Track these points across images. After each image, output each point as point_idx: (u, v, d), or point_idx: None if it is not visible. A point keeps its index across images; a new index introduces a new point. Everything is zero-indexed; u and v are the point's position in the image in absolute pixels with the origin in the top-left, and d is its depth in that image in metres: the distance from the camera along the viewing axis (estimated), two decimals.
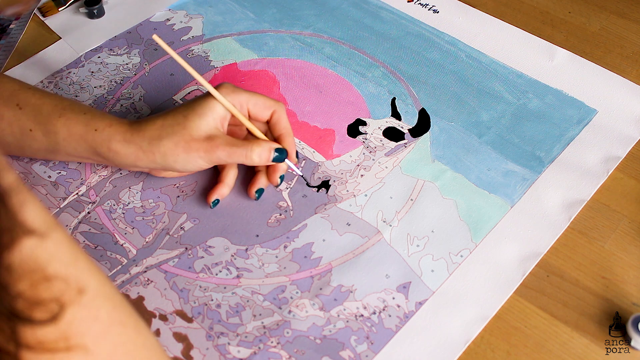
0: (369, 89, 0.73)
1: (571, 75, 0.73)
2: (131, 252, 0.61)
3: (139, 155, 0.59)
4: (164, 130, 0.58)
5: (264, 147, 0.59)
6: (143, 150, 0.59)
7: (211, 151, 0.58)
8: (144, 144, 0.59)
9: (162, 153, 0.58)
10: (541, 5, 0.81)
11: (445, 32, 0.78)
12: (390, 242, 0.60)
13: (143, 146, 0.59)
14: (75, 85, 0.74)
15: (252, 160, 0.59)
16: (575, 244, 0.60)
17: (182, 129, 0.58)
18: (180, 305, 0.57)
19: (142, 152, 0.59)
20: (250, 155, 0.59)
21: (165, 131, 0.58)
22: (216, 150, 0.58)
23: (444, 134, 0.68)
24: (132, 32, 0.80)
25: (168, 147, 0.58)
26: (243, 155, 0.59)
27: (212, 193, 0.63)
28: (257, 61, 0.76)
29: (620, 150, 0.66)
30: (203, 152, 0.58)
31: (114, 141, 0.59)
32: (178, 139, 0.58)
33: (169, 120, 0.59)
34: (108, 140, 0.59)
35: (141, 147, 0.59)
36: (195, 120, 0.58)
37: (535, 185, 0.64)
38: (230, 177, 0.63)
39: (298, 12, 0.81)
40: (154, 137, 0.58)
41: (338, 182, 0.65)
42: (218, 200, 0.63)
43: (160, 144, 0.58)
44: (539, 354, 0.54)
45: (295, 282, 0.58)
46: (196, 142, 0.58)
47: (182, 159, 0.59)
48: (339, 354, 0.54)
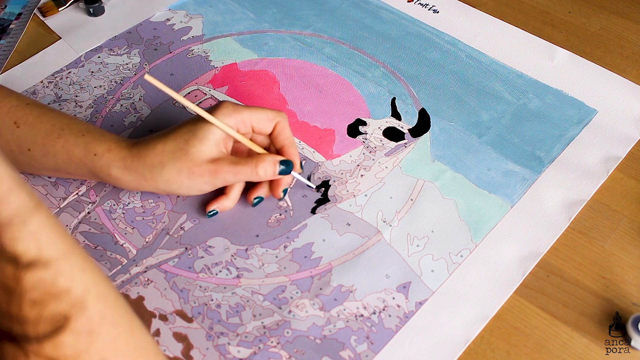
0: (369, 89, 0.73)
1: (571, 75, 0.73)
2: (131, 252, 0.61)
3: (140, 183, 0.58)
4: (165, 156, 0.57)
5: (269, 161, 0.58)
6: (145, 178, 0.58)
7: (216, 175, 0.57)
8: (146, 172, 0.58)
9: (165, 180, 0.57)
10: (541, 5, 0.81)
11: (445, 32, 0.78)
12: (390, 242, 0.60)
13: (145, 174, 0.58)
14: (75, 85, 0.74)
15: (258, 176, 0.58)
16: (575, 244, 0.60)
17: (184, 154, 0.57)
18: (180, 305, 0.57)
19: (144, 180, 0.58)
20: (256, 171, 0.58)
21: (166, 157, 0.57)
22: (221, 172, 0.57)
23: (444, 134, 0.68)
24: (132, 32, 0.80)
25: (171, 175, 0.57)
26: (248, 172, 0.58)
27: (212, 203, 0.62)
28: (257, 61, 0.76)
29: (620, 150, 0.66)
30: (208, 177, 0.57)
31: (113, 167, 0.58)
32: (181, 165, 0.57)
33: (169, 145, 0.57)
34: (107, 166, 0.58)
35: (143, 174, 0.58)
36: (196, 145, 0.57)
37: (535, 185, 0.64)
38: (235, 192, 0.62)
39: (298, 12, 0.81)
40: (155, 164, 0.57)
41: (338, 182, 0.65)
42: (216, 212, 0.62)
43: (162, 171, 0.57)
44: (539, 354, 0.54)
45: (295, 282, 0.58)
46: (199, 167, 0.57)
47: (186, 185, 0.58)
48: (339, 354, 0.54)
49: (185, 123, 0.59)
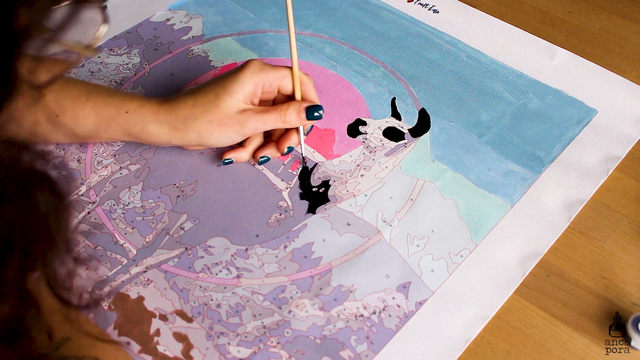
0: (369, 89, 0.73)
1: (571, 75, 0.73)
2: (131, 252, 0.61)
3: (173, 134, 0.61)
4: (197, 109, 0.60)
5: (294, 106, 0.62)
6: (177, 129, 0.60)
7: (245, 124, 0.60)
8: (178, 124, 0.60)
9: (197, 131, 0.60)
10: (541, 5, 0.81)
11: (445, 32, 0.78)
12: (390, 242, 0.60)
13: (177, 125, 0.60)
14: None
15: (285, 121, 0.61)
16: (575, 244, 0.60)
17: (214, 107, 0.60)
18: (180, 305, 0.57)
19: (177, 131, 0.61)
20: (283, 117, 0.61)
21: (197, 110, 0.60)
22: (249, 122, 0.60)
23: (444, 134, 0.68)
24: (132, 32, 0.80)
25: (202, 126, 0.60)
26: (275, 118, 0.61)
27: (229, 152, 0.64)
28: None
29: (620, 150, 0.66)
30: (237, 126, 0.60)
31: (147, 122, 0.61)
32: (211, 117, 0.60)
33: (200, 99, 0.60)
34: (141, 121, 0.61)
35: (175, 126, 0.60)
36: (225, 99, 0.60)
37: (535, 185, 0.64)
38: (253, 144, 0.65)
39: (298, 12, 0.81)
40: (187, 116, 0.60)
41: (338, 182, 0.65)
42: (231, 160, 0.65)
43: (194, 123, 0.60)
44: (539, 354, 0.54)
45: (295, 282, 0.58)
46: (229, 118, 0.60)
47: (216, 135, 0.61)
48: (339, 354, 0.54)
49: (215, 79, 0.63)
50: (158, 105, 0.61)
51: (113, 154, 0.67)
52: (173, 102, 0.61)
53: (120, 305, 0.57)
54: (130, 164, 0.67)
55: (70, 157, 0.67)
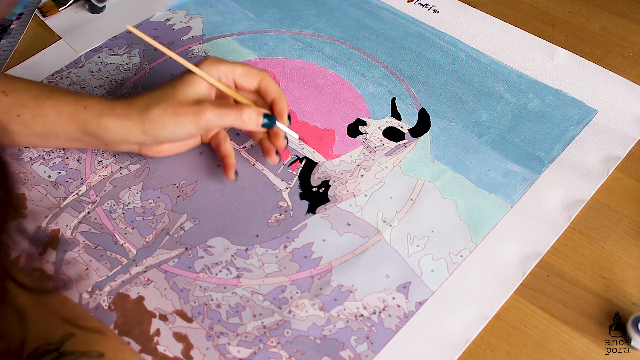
0: (369, 89, 0.73)
1: (571, 75, 0.73)
2: (131, 252, 0.61)
3: (128, 127, 0.60)
4: (152, 99, 0.60)
5: (253, 109, 0.60)
6: (132, 120, 0.60)
7: (200, 114, 0.59)
8: (134, 115, 0.60)
9: (151, 120, 0.59)
10: (541, 5, 0.81)
11: (445, 32, 0.78)
12: (390, 242, 0.60)
13: (132, 117, 0.60)
14: (75, 85, 0.74)
15: (242, 121, 0.60)
16: (575, 244, 0.60)
17: (170, 96, 0.60)
18: (180, 305, 0.57)
19: (132, 123, 0.60)
20: (241, 115, 0.60)
21: (153, 100, 0.60)
22: (205, 112, 0.59)
23: (444, 134, 0.68)
24: (132, 32, 0.80)
25: (156, 114, 0.59)
26: (233, 116, 0.60)
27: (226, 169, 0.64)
28: (257, 61, 0.76)
29: (620, 150, 0.66)
30: (191, 116, 0.59)
31: (103, 116, 0.60)
32: (166, 105, 0.59)
33: (157, 91, 0.61)
34: (98, 115, 0.60)
35: (131, 118, 0.60)
36: (182, 88, 0.60)
37: (535, 185, 0.64)
38: (228, 148, 0.64)
39: (298, 12, 0.81)
40: (143, 106, 0.60)
41: (338, 182, 0.65)
42: (237, 171, 0.64)
43: (149, 112, 0.59)
44: (539, 354, 0.54)
45: (295, 282, 0.58)
46: (184, 106, 0.59)
47: (171, 124, 0.59)
48: (339, 354, 0.54)
49: (174, 77, 0.62)
50: (116, 101, 0.61)
51: (113, 154, 0.67)
52: (132, 97, 0.62)
53: (120, 305, 0.57)
54: (130, 164, 0.67)
55: (70, 157, 0.67)
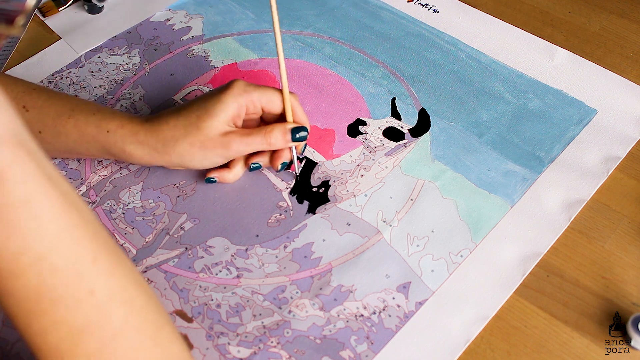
0: (369, 89, 0.73)
1: (571, 75, 0.73)
2: (131, 252, 0.61)
3: (153, 156, 0.60)
4: (178, 131, 0.59)
5: (279, 128, 0.60)
6: (158, 151, 0.59)
7: (228, 147, 0.59)
8: (159, 146, 0.59)
9: (178, 154, 0.59)
10: (541, 5, 0.81)
11: (445, 32, 0.78)
12: (390, 242, 0.60)
13: (158, 148, 0.59)
14: (75, 85, 0.74)
15: (270, 144, 0.60)
16: (575, 244, 0.60)
17: (196, 129, 0.58)
18: (180, 305, 0.57)
19: (157, 154, 0.59)
20: (268, 139, 0.60)
21: (179, 132, 0.59)
22: (232, 144, 0.59)
23: (444, 134, 0.68)
24: (132, 32, 0.80)
25: (184, 148, 0.59)
26: (259, 141, 0.60)
27: (214, 171, 0.63)
28: (257, 61, 0.76)
29: (620, 150, 0.66)
30: (220, 149, 0.59)
31: (127, 143, 0.59)
32: (193, 139, 0.59)
33: (181, 120, 0.59)
34: (122, 142, 0.60)
35: (156, 148, 0.59)
36: (207, 120, 0.58)
37: (535, 185, 0.64)
38: (238, 167, 0.64)
39: (298, 12, 0.81)
40: (168, 138, 0.59)
41: (338, 182, 0.65)
42: (215, 179, 0.64)
43: (175, 145, 0.59)
44: (539, 354, 0.54)
45: (295, 282, 0.58)
46: (211, 141, 0.59)
47: (198, 158, 0.59)
48: (339, 354, 0.54)
49: (197, 99, 0.61)
50: (139, 126, 0.60)
51: None
52: (155, 122, 0.60)
53: None
54: (130, 164, 0.67)
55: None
